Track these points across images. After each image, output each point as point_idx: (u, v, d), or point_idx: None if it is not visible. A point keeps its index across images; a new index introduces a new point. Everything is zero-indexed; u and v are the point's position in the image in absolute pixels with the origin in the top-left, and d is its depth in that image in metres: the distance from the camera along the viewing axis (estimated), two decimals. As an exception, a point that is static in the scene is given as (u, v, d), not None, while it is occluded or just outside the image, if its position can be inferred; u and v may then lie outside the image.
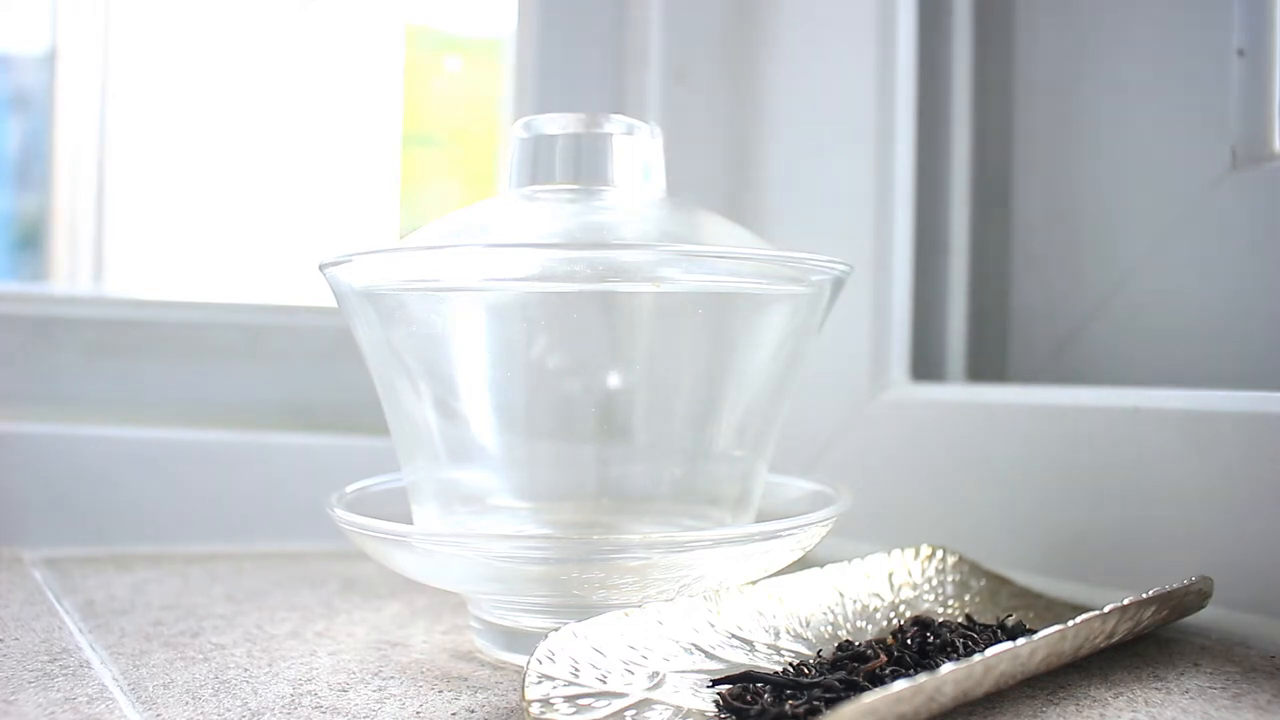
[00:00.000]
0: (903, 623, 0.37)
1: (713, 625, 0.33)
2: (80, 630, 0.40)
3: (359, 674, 0.35)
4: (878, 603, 0.38)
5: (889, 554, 0.40)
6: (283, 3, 0.89)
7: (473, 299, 0.38)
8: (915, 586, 0.40)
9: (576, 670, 0.30)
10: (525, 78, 0.68)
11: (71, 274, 0.85)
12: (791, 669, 0.32)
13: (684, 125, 0.64)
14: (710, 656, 0.32)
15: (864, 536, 0.50)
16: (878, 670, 0.32)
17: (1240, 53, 0.47)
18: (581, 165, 0.39)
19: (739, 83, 0.65)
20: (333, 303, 0.39)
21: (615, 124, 0.40)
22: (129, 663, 0.36)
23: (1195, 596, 0.36)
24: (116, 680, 0.34)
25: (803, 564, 0.38)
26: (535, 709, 0.28)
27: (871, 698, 0.26)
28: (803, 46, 0.60)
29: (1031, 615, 0.40)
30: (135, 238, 0.86)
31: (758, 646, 0.33)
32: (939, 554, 0.41)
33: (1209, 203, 0.48)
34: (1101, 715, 0.31)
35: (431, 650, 0.38)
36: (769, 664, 0.33)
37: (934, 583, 0.40)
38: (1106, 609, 0.32)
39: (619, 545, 0.34)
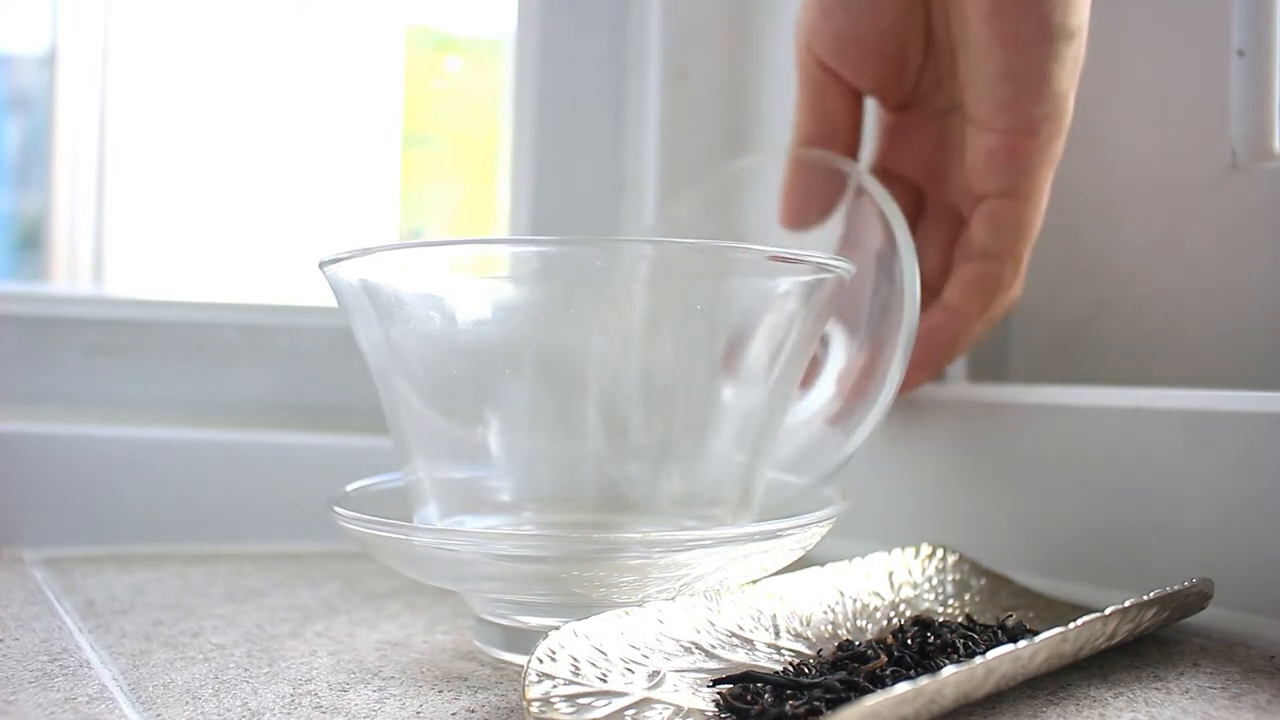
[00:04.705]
0: (903, 622, 0.37)
1: (713, 624, 0.33)
2: (80, 630, 0.40)
3: (359, 674, 0.35)
4: (878, 602, 0.38)
5: (889, 553, 0.40)
6: (283, 3, 0.90)
7: (472, 296, 0.38)
8: (915, 586, 0.40)
9: (576, 669, 0.30)
10: (525, 78, 0.68)
11: (71, 274, 0.86)
12: (792, 669, 0.32)
13: (683, 124, 0.64)
14: (710, 655, 0.32)
15: (864, 536, 0.50)
16: (878, 671, 0.32)
17: (1240, 53, 0.47)
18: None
19: (739, 81, 0.65)
20: (333, 302, 0.39)
21: None
22: (129, 663, 0.36)
23: (1196, 598, 0.36)
24: (116, 680, 0.34)
25: (803, 563, 0.38)
26: (535, 708, 0.28)
27: (872, 700, 0.26)
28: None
29: (1031, 615, 0.40)
30: (135, 238, 0.86)
31: (758, 645, 0.33)
32: (939, 553, 0.41)
33: (1209, 203, 0.48)
34: (1101, 715, 0.31)
35: (431, 650, 0.38)
36: (769, 663, 0.33)
37: (934, 582, 0.40)
38: (1107, 611, 0.32)
39: (619, 544, 0.34)
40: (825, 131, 0.47)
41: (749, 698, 0.29)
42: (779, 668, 0.32)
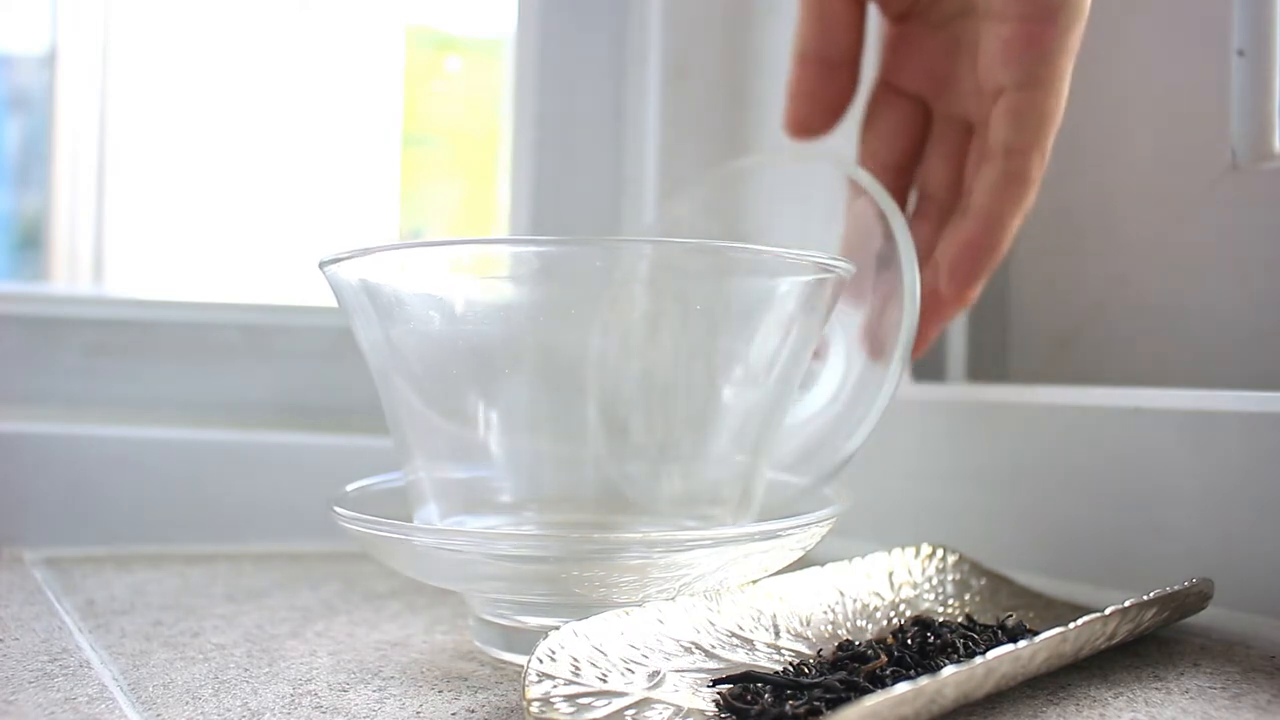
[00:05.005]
0: (903, 622, 0.37)
1: (713, 624, 0.33)
2: (80, 630, 0.40)
3: (359, 674, 0.35)
4: (878, 602, 0.38)
5: (889, 553, 0.40)
6: (283, 3, 0.89)
7: (472, 296, 0.38)
8: (915, 586, 0.40)
9: (577, 669, 0.30)
10: (525, 78, 0.68)
11: (71, 274, 0.85)
12: (792, 669, 0.32)
13: (683, 124, 0.64)
14: (710, 655, 0.32)
15: (864, 536, 0.50)
16: (878, 671, 0.32)
17: (1240, 53, 0.47)
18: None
19: (739, 81, 0.65)
20: (333, 302, 0.39)
21: None
22: (129, 663, 0.36)
23: (1196, 598, 0.36)
24: (116, 680, 0.34)
25: (803, 563, 0.38)
26: (535, 708, 0.28)
27: (873, 700, 0.26)
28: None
29: (1031, 615, 0.40)
30: (135, 238, 0.86)
31: (758, 645, 0.33)
32: (939, 553, 0.41)
33: (1209, 203, 0.48)
34: (1101, 715, 0.31)
35: (431, 650, 0.38)
36: (769, 663, 0.33)
37: (934, 582, 0.40)
38: (1108, 611, 0.32)
39: (619, 544, 0.34)
40: (826, 40, 0.45)
41: (749, 698, 0.29)
42: (779, 668, 0.32)
